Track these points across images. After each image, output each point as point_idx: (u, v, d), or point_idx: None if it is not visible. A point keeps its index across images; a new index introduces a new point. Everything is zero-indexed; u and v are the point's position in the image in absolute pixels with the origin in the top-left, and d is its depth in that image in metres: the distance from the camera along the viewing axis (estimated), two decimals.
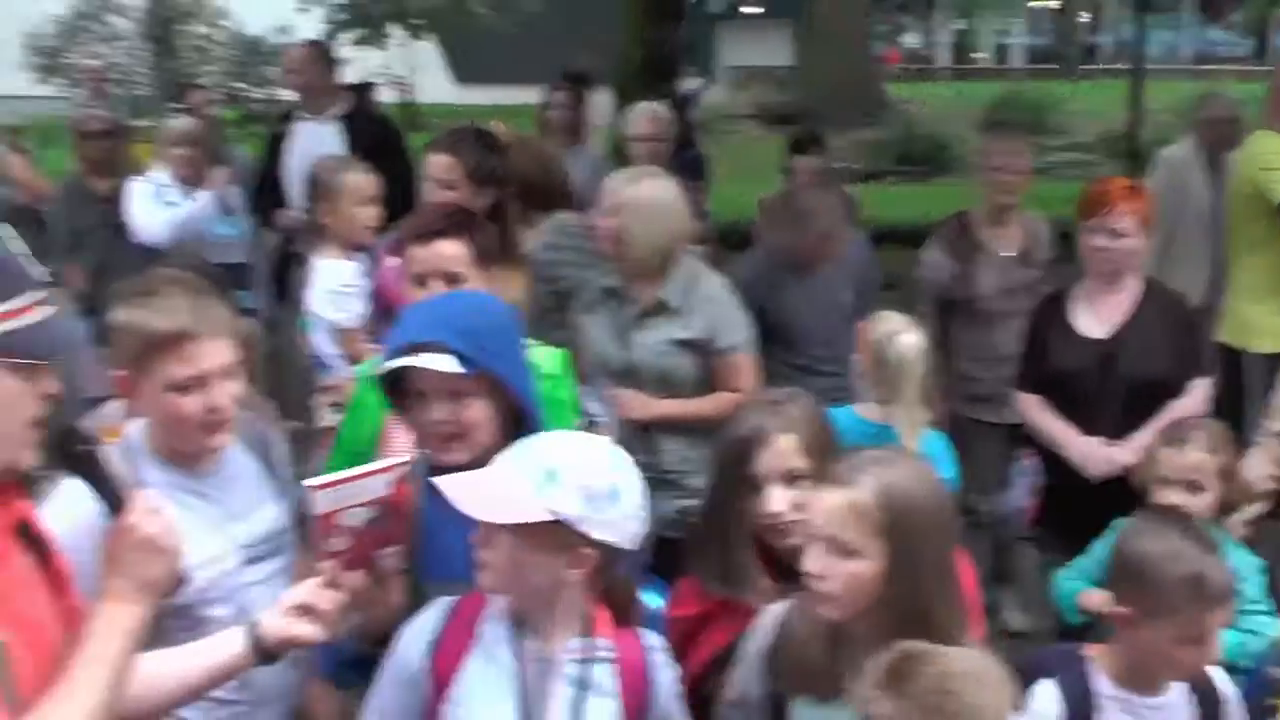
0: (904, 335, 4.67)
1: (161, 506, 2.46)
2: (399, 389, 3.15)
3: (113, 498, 2.46)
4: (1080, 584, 4.31)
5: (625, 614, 2.81)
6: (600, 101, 11.00)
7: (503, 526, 2.58)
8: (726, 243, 8.75)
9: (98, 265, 7.71)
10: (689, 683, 3.07)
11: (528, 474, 2.58)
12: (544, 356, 3.88)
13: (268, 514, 3.34)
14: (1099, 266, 5.06)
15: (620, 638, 2.78)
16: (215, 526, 3.17)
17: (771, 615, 3.09)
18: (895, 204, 15.67)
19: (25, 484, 2.38)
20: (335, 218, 5.59)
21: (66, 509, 2.76)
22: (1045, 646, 3.91)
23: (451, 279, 3.96)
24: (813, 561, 2.78)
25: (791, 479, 3.20)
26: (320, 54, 8.46)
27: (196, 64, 18.16)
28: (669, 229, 5.03)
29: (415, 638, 2.81)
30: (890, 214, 13.85)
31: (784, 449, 3.22)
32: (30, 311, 2.21)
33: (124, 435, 3.22)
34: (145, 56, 18.34)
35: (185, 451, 3.20)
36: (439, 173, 5.05)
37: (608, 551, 2.63)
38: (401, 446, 3.96)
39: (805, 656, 2.92)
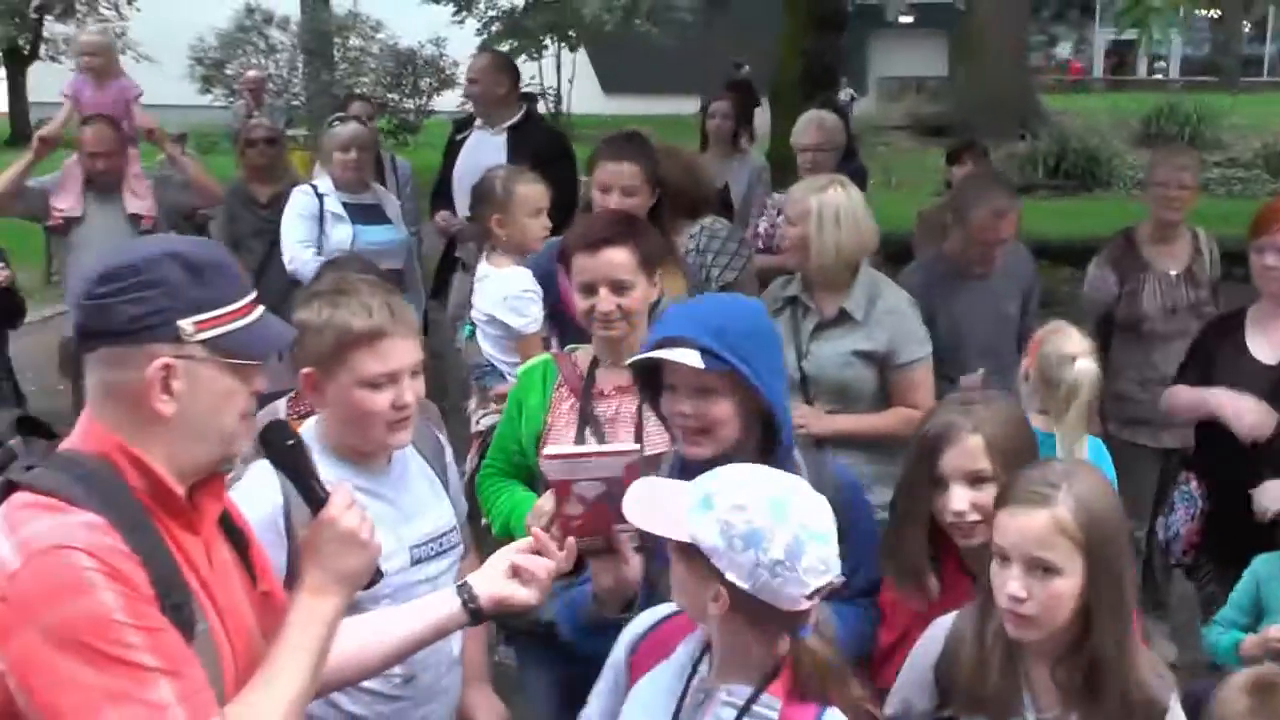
0: (1081, 362, 4.38)
1: (360, 502, 2.52)
2: (653, 382, 3.29)
3: (311, 492, 2.51)
4: (1232, 635, 4.19)
5: (810, 688, 2.56)
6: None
7: (669, 540, 2.56)
8: (882, 254, 8.67)
9: (257, 268, 7.86)
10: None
11: (694, 493, 2.55)
12: None
13: (436, 515, 3.45)
14: (1270, 287, 4.91)
15: (795, 708, 2.56)
16: (387, 525, 3.15)
17: (941, 628, 3.04)
18: (1049, 219, 15.43)
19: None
20: (508, 227, 5.62)
21: (251, 498, 2.90)
22: (1196, 680, 3.82)
23: (619, 286, 4.00)
24: (1014, 584, 2.74)
25: (977, 480, 3.21)
26: (502, 64, 8.50)
27: (351, 75, 18.43)
28: (856, 238, 4.99)
29: (626, 636, 2.87)
30: (1044, 229, 13.62)
31: (971, 448, 3.23)
32: (249, 312, 2.30)
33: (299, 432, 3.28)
34: (301, 68, 18.67)
35: (363, 449, 3.32)
36: (625, 180, 5.12)
37: (744, 597, 2.47)
38: (563, 444, 4.02)
39: (982, 676, 2.87)
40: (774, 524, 2.44)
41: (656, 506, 2.59)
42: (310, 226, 7.42)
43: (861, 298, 5.00)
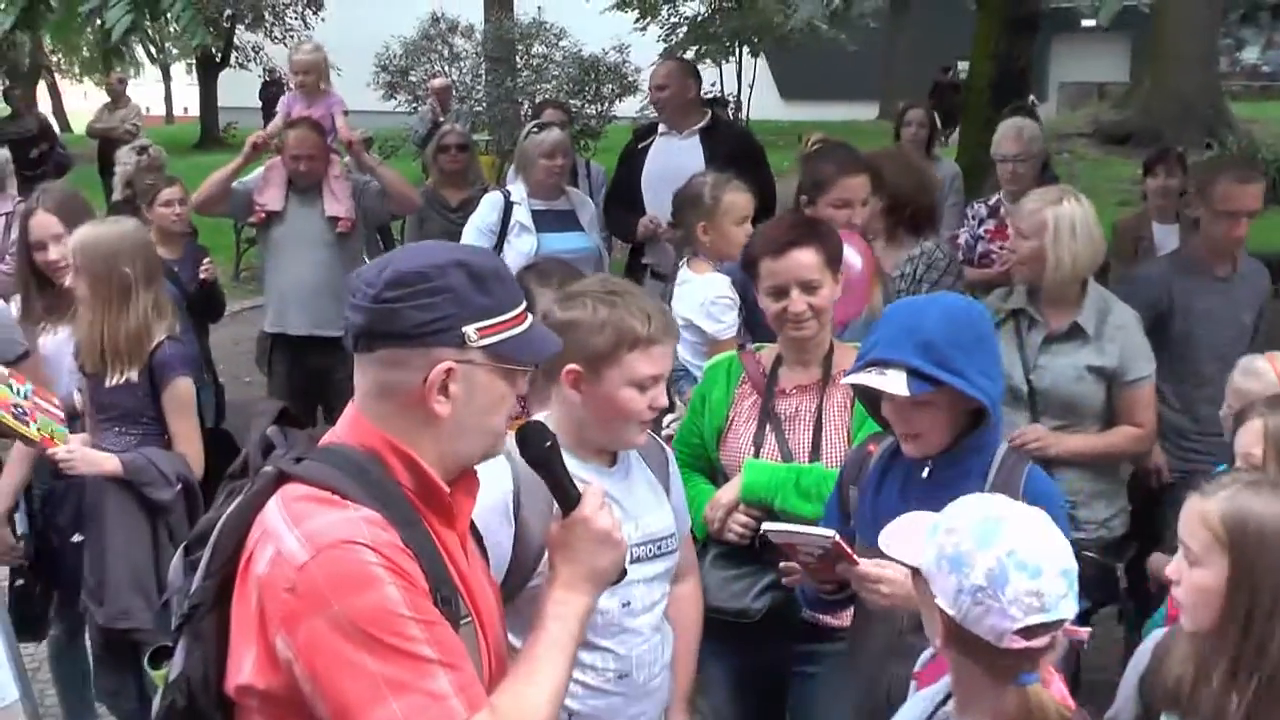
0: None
1: (609, 503, 2.64)
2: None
3: (564, 491, 2.62)
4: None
5: None
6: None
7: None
8: None
9: None
10: None
11: (933, 520, 2.58)
12: None
13: (656, 518, 3.54)
14: None
15: None
16: None
17: (1153, 639, 3.08)
18: None
19: None
20: (712, 233, 5.68)
21: (483, 483, 2.97)
22: None
23: (808, 286, 4.10)
24: (1171, 565, 2.84)
25: None
26: (687, 70, 8.53)
27: (534, 82, 18.62)
28: (1090, 251, 4.98)
29: (924, 653, 2.96)
30: None
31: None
32: (523, 320, 2.42)
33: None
34: (484, 75, 18.88)
35: (602, 446, 3.45)
36: (859, 192, 5.24)
37: (955, 626, 2.45)
38: (742, 441, 4.11)
39: (1171, 676, 2.91)
40: (977, 548, 2.40)
41: (907, 536, 2.64)
42: (486, 239, 7.49)
43: (1093, 312, 4.99)
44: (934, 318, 3.35)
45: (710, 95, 11.25)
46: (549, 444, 2.65)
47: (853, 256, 4.82)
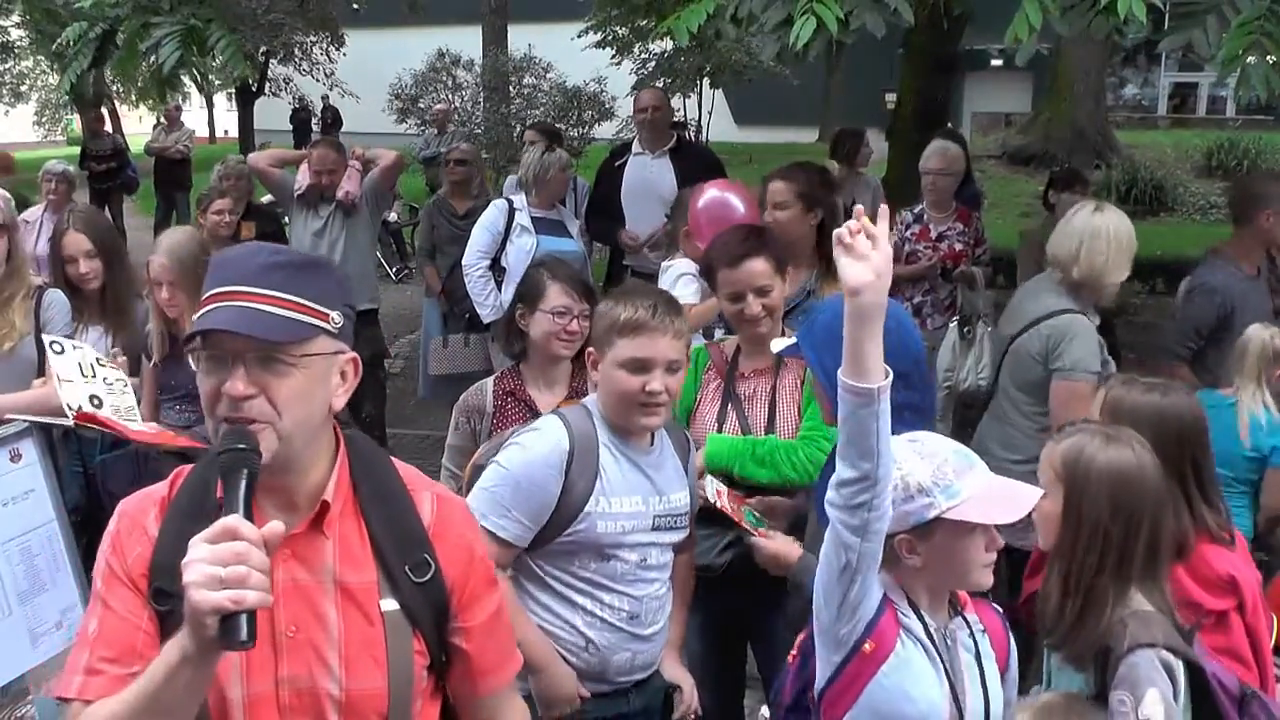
0: (1252, 328, 4.93)
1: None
2: None
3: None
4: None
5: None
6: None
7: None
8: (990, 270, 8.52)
9: (450, 268, 8.00)
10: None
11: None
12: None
13: (679, 496, 3.56)
14: None
15: (980, 610, 2.87)
16: (642, 494, 3.44)
17: None
18: None
19: None
20: (696, 239, 5.62)
21: (541, 434, 3.39)
22: None
23: (761, 291, 4.09)
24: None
25: None
26: (666, 99, 8.58)
27: (525, 109, 18.51)
28: (1128, 260, 4.89)
29: None
30: None
31: None
32: (217, 300, 2.16)
33: (584, 405, 3.52)
34: (482, 103, 18.80)
35: (624, 426, 3.43)
36: (775, 196, 5.09)
37: None
38: (707, 419, 4.05)
39: (1042, 595, 3.04)
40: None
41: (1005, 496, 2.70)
42: (492, 239, 7.52)
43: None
44: (835, 308, 3.35)
45: (676, 120, 11.17)
46: (235, 459, 2.02)
47: (735, 201, 5.30)
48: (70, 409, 4.67)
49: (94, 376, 4.90)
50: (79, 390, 4.77)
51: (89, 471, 5.35)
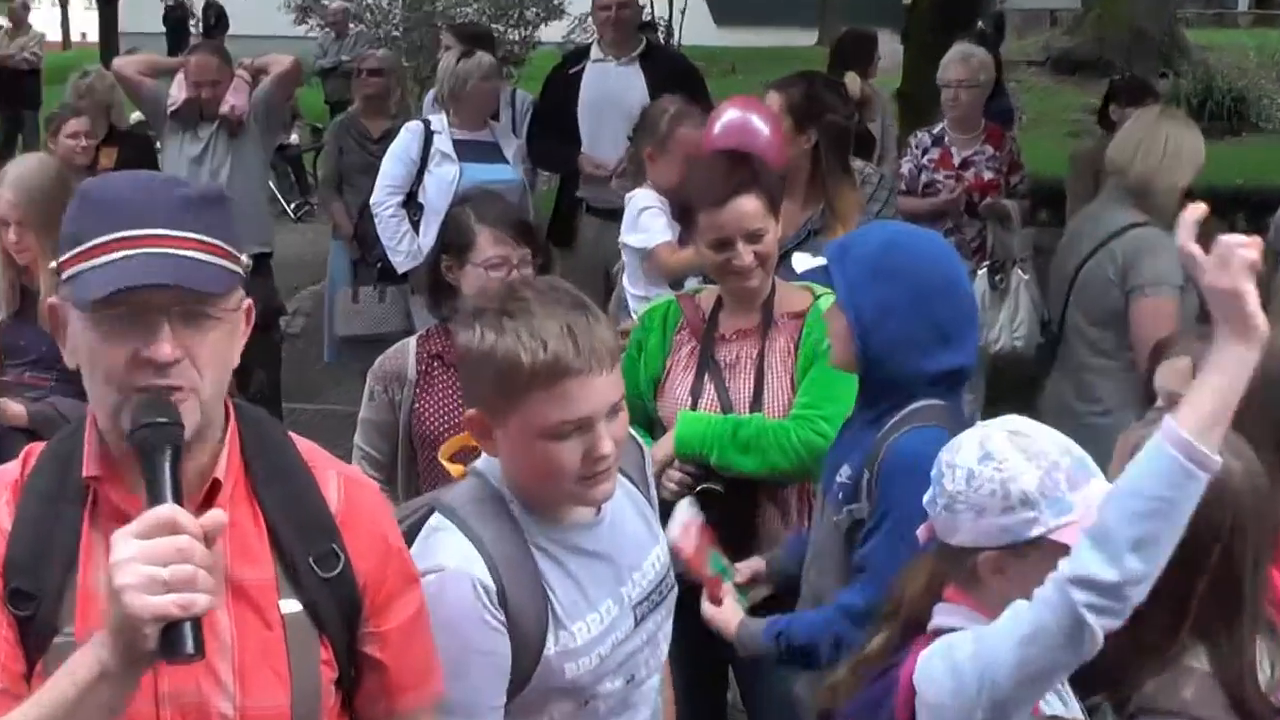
0: None
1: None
2: None
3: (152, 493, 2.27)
4: None
5: None
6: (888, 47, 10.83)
7: None
8: (1031, 198, 8.55)
9: (363, 204, 8.02)
10: None
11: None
12: None
13: (655, 556, 2.96)
14: None
15: None
16: (607, 588, 2.82)
17: None
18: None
19: None
20: (659, 162, 5.61)
21: None
22: None
23: (753, 236, 4.03)
24: None
25: None
26: None
27: (454, 6, 18.40)
28: (1189, 169, 5.06)
29: None
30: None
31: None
32: (111, 250, 2.10)
33: (483, 481, 3.30)
34: None
35: (557, 507, 2.83)
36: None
37: None
38: (680, 391, 4.04)
39: None
40: None
41: None
42: (405, 170, 7.49)
43: None
44: (879, 238, 3.43)
45: (644, 20, 11.15)
46: (156, 436, 2.02)
47: (759, 124, 5.02)
48: None
49: None
50: None
51: None
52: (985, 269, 7.12)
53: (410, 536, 2.66)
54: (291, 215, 16.28)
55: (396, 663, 2.33)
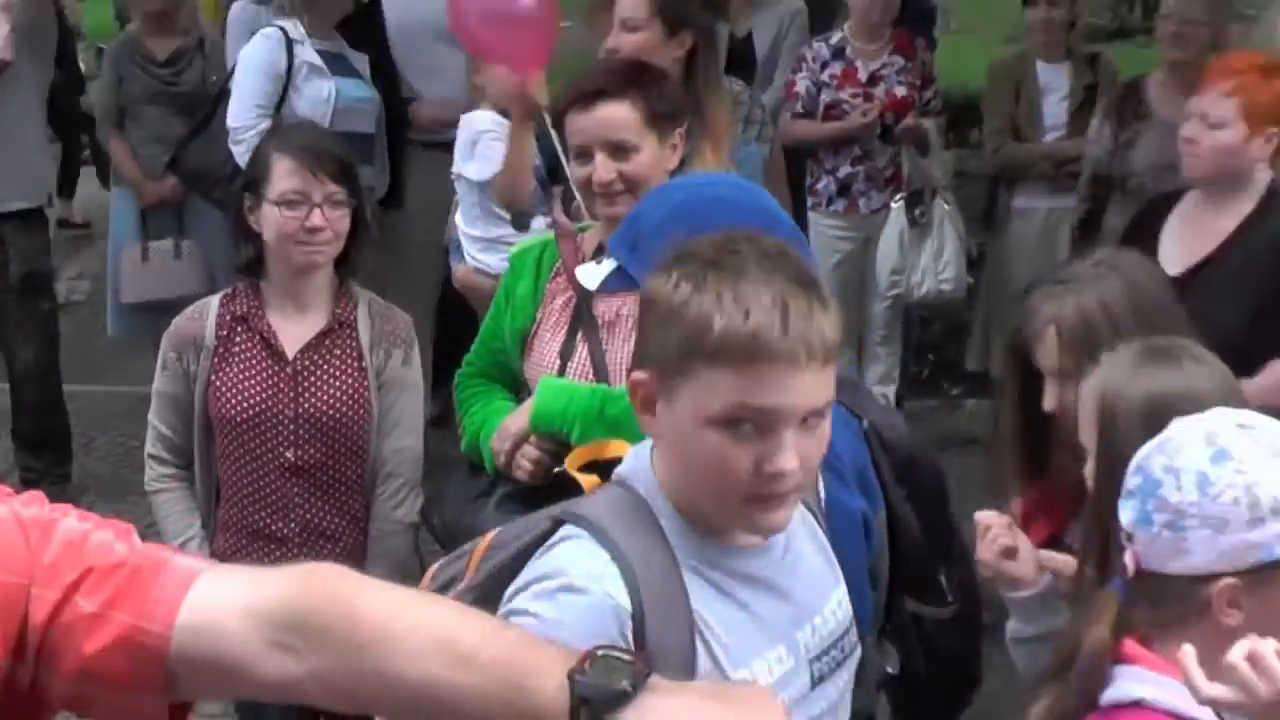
0: None
1: None
2: None
3: None
4: None
5: None
6: None
7: None
8: (946, 114, 8.60)
9: (151, 140, 7.94)
10: None
11: None
12: None
13: (836, 602, 2.75)
14: (1186, 166, 4.91)
15: None
16: (779, 632, 2.59)
17: None
18: (1146, 70, 15.28)
19: None
20: (485, 73, 5.59)
21: None
22: None
23: (619, 149, 3.98)
24: None
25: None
26: None
27: None
28: None
29: None
30: None
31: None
32: None
33: (626, 488, 3.27)
34: None
35: (721, 527, 2.57)
36: (625, 11, 5.10)
37: None
38: (548, 351, 4.03)
39: None
40: None
41: None
42: (271, 84, 7.23)
43: None
44: (668, 205, 3.23)
45: None
46: None
47: None
48: None
49: None
50: None
51: None
52: (901, 201, 7.17)
53: (526, 556, 2.48)
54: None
55: None
